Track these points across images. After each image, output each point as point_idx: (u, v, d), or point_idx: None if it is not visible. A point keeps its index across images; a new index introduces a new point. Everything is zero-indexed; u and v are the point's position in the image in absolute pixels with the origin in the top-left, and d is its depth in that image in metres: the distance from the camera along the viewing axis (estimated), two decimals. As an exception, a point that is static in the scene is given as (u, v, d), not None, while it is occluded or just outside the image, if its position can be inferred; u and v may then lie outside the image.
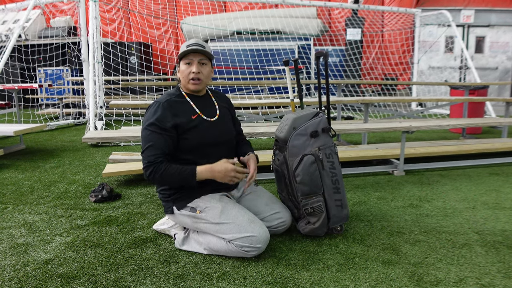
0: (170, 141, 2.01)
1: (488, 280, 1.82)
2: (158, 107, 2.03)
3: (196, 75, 2.07)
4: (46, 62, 9.65)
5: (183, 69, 2.10)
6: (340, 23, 10.51)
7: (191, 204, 2.09)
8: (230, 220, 1.98)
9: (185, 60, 2.09)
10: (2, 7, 6.97)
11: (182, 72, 2.11)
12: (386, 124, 3.79)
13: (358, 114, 8.22)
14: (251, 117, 4.89)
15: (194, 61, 2.08)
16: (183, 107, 2.10)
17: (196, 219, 2.06)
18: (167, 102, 2.06)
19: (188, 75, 2.08)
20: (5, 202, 2.92)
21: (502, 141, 4.55)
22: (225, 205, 2.04)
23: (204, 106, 2.17)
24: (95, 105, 5.68)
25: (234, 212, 2.01)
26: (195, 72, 2.07)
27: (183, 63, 2.10)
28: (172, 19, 10.75)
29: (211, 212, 2.02)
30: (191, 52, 2.05)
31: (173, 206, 2.13)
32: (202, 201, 2.07)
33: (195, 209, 2.06)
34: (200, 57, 2.09)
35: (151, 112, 2.03)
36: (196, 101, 2.16)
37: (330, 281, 1.81)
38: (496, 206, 2.81)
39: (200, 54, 2.08)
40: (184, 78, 2.11)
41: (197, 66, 2.07)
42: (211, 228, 2.03)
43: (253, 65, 8.82)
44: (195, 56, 2.08)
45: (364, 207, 2.80)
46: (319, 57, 2.82)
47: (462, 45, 8.56)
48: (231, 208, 2.03)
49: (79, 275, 1.86)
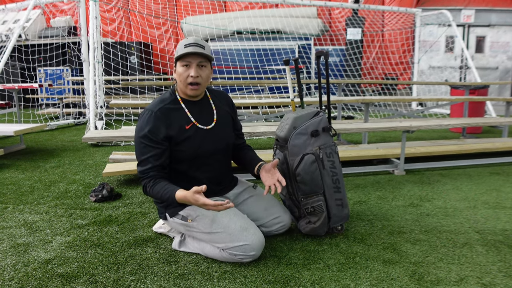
0: (163, 154, 1.92)
1: (489, 279, 1.81)
2: (150, 117, 1.91)
3: (195, 79, 1.92)
4: (46, 62, 9.64)
5: (181, 72, 1.92)
6: (341, 22, 10.50)
7: (182, 213, 2.00)
8: (221, 229, 1.92)
9: (182, 61, 1.91)
10: (2, 7, 6.97)
11: (179, 75, 1.94)
12: (386, 124, 3.78)
13: (358, 113, 8.22)
14: (252, 117, 4.89)
15: (192, 64, 1.91)
16: (176, 116, 1.97)
17: (188, 227, 2.01)
18: (159, 111, 1.93)
19: (186, 79, 1.92)
20: (5, 202, 2.92)
21: (502, 141, 4.55)
22: (216, 213, 1.94)
23: (200, 113, 2.04)
24: (95, 104, 5.68)
25: (225, 221, 1.93)
26: (194, 76, 1.90)
27: (180, 64, 1.93)
28: (172, 19, 10.75)
29: (202, 221, 1.95)
30: (189, 54, 1.90)
31: (166, 212, 2.06)
32: (193, 209, 1.98)
33: (186, 218, 1.99)
34: (200, 59, 1.92)
35: (143, 122, 1.91)
36: (192, 107, 2.03)
37: (330, 280, 1.80)
38: (497, 206, 2.81)
39: (200, 56, 1.91)
40: (181, 82, 1.95)
41: (196, 69, 1.91)
42: (203, 237, 1.98)
43: (253, 65, 8.81)
44: (194, 59, 1.91)
45: (365, 206, 2.80)
46: (320, 56, 2.82)
47: (462, 45, 8.56)
48: (222, 216, 1.94)
49: (79, 274, 1.86)
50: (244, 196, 2.22)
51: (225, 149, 2.12)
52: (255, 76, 8.56)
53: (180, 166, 2.01)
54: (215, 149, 2.06)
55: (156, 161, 1.90)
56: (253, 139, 5.53)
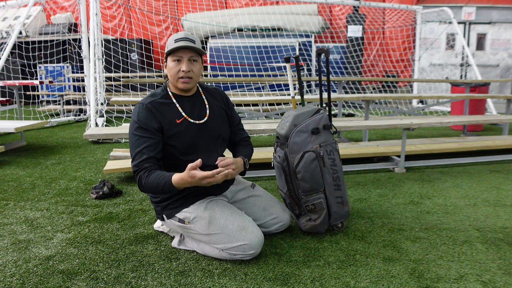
0: (157, 145, 1.87)
1: (489, 277, 1.82)
2: (141, 109, 1.89)
3: (187, 74, 1.90)
4: (46, 58, 9.64)
5: (172, 67, 1.91)
6: (341, 20, 10.49)
7: (179, 215, 1.99)
8: (219, 230, 1.90)
9: (173, 56, 1.90)
10: (2, 4, 6.97)
11: (170, 70, 1.93)
12: (387, 121, 3.78)
13: (359, 111, 8.22)
14: (252, 114, 4.89)
15: (184, 59, 1.90)
16: (167, 110, 1.94)
17: (186, 229, 2.00)
18: (150, 104, 1.91)
19: (177, 74, 1.91)
20: (6, 199, 2.92)
21: (503, 139, 4.55)
22: (213, 213, 1.94)
23: (192, 107, 2.02)
24: (96, 101, 5.68)
25: (222, 221, 1.92)
26: (185, 70, 1.89)
27: (171, 59, 1.91)
28: (172, 16, 10.74)
29: (199, 223, 1.94)
30: (180, 48, 1.89)
31: (163, 213, 2.05)
32: (189, 211, 1.97)
33: (183, 220, 1.97)
34: (191, 54, 1.91)
35: (135, 115, 1.90)
36: (183, 102, 2.00)
37: (331, 277, 1.81)
38: (497, 203, 2.81)
39: (191, 50, 1.90)
40: (172, 76, 1.93)
41: (187, 64, 1.89)
42: (202, 238, 1.97)
43: (254, 62, 8.80)
44: (185, 53, 1.90)
45: (365, 204, 2.81)
46: (321, 54, 2.82)
47: (463, 42, 8.55)
48: (219, 217, 1.93)
49: (80, 271, 1.87)
50: (242, 195, 2.21)
51: (218, 144, 2.08)
52: (255, 73, 8.55)
53: (173, 162, 1.97)
54: (207, 144, 2.02)
55: (151, 152, 1.84)
56: (254, 137, 5.53)
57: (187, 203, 1.99)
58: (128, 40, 9.50)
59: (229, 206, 2.03)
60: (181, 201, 2.00)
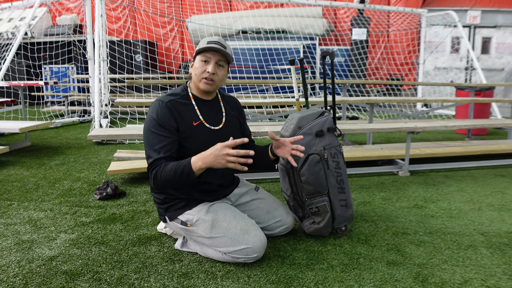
0: (173, 145, 1.87)
1: (494, 282, 1.80)
2: (161, 106, 1.89)
3: (211, 76, 1.91)
4: (51, 59, 9.70)
5: (198, 66, 1.92)
6: (346, 22, 10.48)
7: (181, 217, 1.98)
8: (221, 233, 1.89)
9: (202, 56, 1.91)
10: (8, 5, 7.01)
11: (195, 69, 1.93)
12: (391, 125, 3.77)
13: (363, 114, 8.20)
14: (256, 116, 4.89)
15: (211, 60, 1.91)
16: (185, 111, 1.94)
17: (188, 231, 1.99)
18: (170, 102, 1.91)
19: (202, 73, 1.91)
20: (10, 199, 2.93)
21: (507, 143, 4.52)
22: (215, 216, 1.93)
23: (209, 112, 2.02)
24: (100, 103, 5.70)
25: (225, 224, 1.91)
26: (211, 72, 1.89)
27: (199, 59, 1.92)
28: (177, 18, 10.77)
29: (201, 226, 1.93)
30: (211, 50, 1.90)
31: (165, 215, 2.04)
32: (192, 213, 1.96)
33: (186, 223, 1.97)
34: (219, 58, 1.92)
35: (153, 111, 1.89)
36: (202, 106, 2.00)
37: (334, 281, 1.80)
38: (502, 208, 2.79)
39: (220, 54, 1.91)
40: (197, 76, 1.93)
41: (213, 66, 1.90)
42: (204, 241, 1.96)
43: (258, 64, 8.81)
44: (214, 56, 1.91)
45: (369, 207, 2.79)
46: (325, 56, 2.81)
47: (468, 46, 8.51)
48: (222, 220, 1.92)
49: (83, 272, 1.87)
50: (246, 198, 2.20)
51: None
52: (260, 75, 8.56)
53: None
54: None
55: (167, 152, 1.83)
56: (257, 139, 5.52)
57: (190, 205, 1.99)
58: (133, 41, 9.53)
59: (232, 209, 2.02)
60: (184, 202, 2.00)
